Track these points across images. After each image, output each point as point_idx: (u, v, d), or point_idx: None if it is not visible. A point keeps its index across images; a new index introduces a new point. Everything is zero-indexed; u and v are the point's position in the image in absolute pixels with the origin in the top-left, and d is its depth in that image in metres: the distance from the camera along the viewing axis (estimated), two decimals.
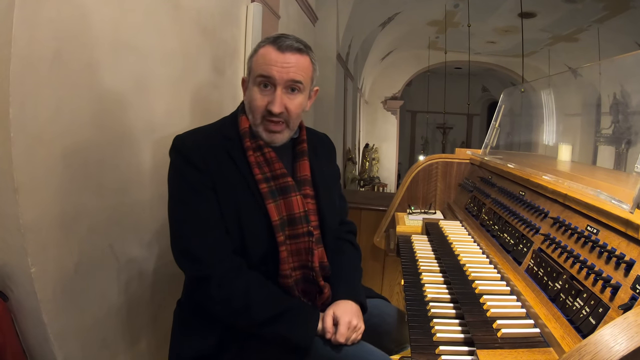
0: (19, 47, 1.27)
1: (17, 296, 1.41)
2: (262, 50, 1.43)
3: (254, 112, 1.45)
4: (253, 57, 1.46)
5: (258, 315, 1.35)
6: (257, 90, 1.43)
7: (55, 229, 1.46)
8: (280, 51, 1.41)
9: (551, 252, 1.28)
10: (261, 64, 1.42)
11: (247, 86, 1.50)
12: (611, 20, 8.23)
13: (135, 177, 1.85)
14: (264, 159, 1.45)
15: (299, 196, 1.47)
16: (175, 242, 1.42)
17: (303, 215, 1.47)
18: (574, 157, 2.40)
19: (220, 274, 1.34)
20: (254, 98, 1.43)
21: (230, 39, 2.69)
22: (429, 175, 2.76)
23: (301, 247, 1.47)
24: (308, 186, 1.53)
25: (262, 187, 1.42)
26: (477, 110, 17.16)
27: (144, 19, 1.83)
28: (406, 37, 11.07)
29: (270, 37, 1.45)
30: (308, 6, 4.47)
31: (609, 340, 0.68)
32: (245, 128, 1.46)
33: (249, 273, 1.39)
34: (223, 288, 1.34)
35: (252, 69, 1.45)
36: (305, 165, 1.55)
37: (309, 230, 1.47)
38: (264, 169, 1.45)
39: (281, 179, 1.46)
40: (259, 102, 1.42)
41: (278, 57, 1.40)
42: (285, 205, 1.45)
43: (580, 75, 2.77)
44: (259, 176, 1.43)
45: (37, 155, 1.37)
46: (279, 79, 1.40)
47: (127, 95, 1.76)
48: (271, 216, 1.41)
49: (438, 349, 1.13)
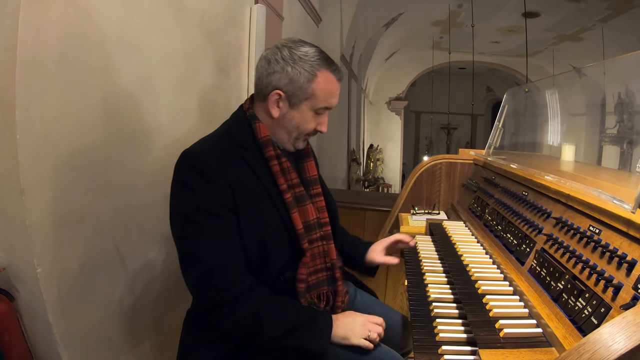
0: (24, 49, 1.29)
1: (23, 296, 1.42)
2: (325, 78, 1.41)
3: (301, 132, 1.45)
4: (313, 83, 1.39)
5: (271, 333, 1.32)
6: (312, 115, 1.43)
7: (61, 229, 1.47)
8: (339, 82, 1.45)
9: (554, 252, 1.28)
10: (328, 97, 1.42)
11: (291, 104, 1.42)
12: (615, 20, 8.19)
13: (141, 178, 1.86)
14: (281, 168, 1.44)
15: (311, 204, 1.50)
16: (187, 267, 1.35)
17: (316, 222, 1.50)
18: (578, 157, 2.40)
19: (232, 299, 1.29)
20: (307, 121, 1.43)
21: (234, 40, 2.70)
22: (433, 175, 2.76)
23: (315, 252, 1.48)
24: (317, 185, 1.57)
25: (287, 197, 1.41)
26: (482, 111, 17.12)
27: (149, 20, 1.84)
28: (410, 37, 11.06)
29: (322, 57, 1.42)
30: (312, 7, 4.48)
31: (608, 339, 0.69)
32: (267, 136, 1.42)
33: (259, 293, 1.34)
34: (234, 313, 1.29)
35: (314, 96, 1.40)
36: (312, 165, 1.58)
37: (322, 235, 1.51)
38: (285, 177, 1.44)
39: (297, 188, 1.47)
40: (312, 125, 1.45)
41: (337, 88, 1.45)
42: (302, 214, 1.46)
43: (584, 74, 2.76)
44: (283, 186, 1.42)
45: (43, 157, 1.39)
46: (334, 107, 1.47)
47: (132, 96, 1.78)
48: (296, 225, 1.41)
49: (441, 349, 1.13)
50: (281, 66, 1.38)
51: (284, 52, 1.39)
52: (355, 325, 1.40)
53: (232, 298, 1.29)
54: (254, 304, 1.31)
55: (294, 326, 1.34)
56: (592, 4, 7.68)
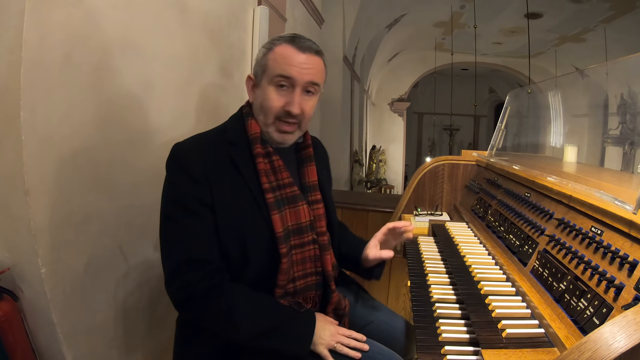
0: (29, 50, 1.30)
1: (27, 296, 1.43)
2: (280, 48, 1.36)
3: (267, 111, 1.38)
4: (268, 55, 1.38)
5: (247, 332, 1.28)
6: (273, 90, 1.36)
7: (66, 230, 1.48)
8: (301, 51, 1.36)
9: (556, 253, 1.28)
10: (281, 63, 1.35)
11: (255, 85, 1.43)
12: (618, 20, 8.19)
13: (144, 178, 1.86)
14: (272, 167, 1.40)
15: (305, 205, 1.44)
16: (162, 258, 1.33)
17: (309, 224, 1.44)
18: (581, 159, 2.40)
19: (201, 294, 1.26)
20: (269, 98, 1.37)
21: (237, 42, 2.71)
22: (436, 177, 2.77)
23: (306, 256, 1.44)
24: (317, 191, 1.51)
25: (269, 197, 1.36)
26: (484, 112, 17.10)
27: (153, 22, 1.85)
28: (412, 38, 11.07)
29: (285, 36, 1.39)
30: (314, 8, 4.49)
31: (608, 338, 0.69)
32: (257, 133, 1.39)
33: (234, 289, 1.30)
34: (204, 308, 1.27)
35: (267, 67, 1.37)
36: (313, 170, 1.52)
37: (314, 238, 1.45)
38: (271, 177, 1.39)
39: (288, 188, 1.42)
40: (275, 103, 1.36)
41: (299, 57, 1.35)
42: (292, 215, 1.41)
43: (587, 76, 2.77)
44: (266, 185, 1.36)
45: (47, 158, 1.40)
46: (299, 79, 1.35)
47: (136, 97, 1.79)
48: (275, 227, 1.35)
49: (443, 349, 1.14)
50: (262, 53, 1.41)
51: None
52: (324, 332, 1.35)
53: (202, 294, 1.26)
54: (227, 300, 1.27)
55: (273, 326, 1.30)
56: (594, 5, 7.68)
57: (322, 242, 1.47)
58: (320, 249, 1.46)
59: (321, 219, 1.49)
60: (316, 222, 1.47)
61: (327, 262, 1.47)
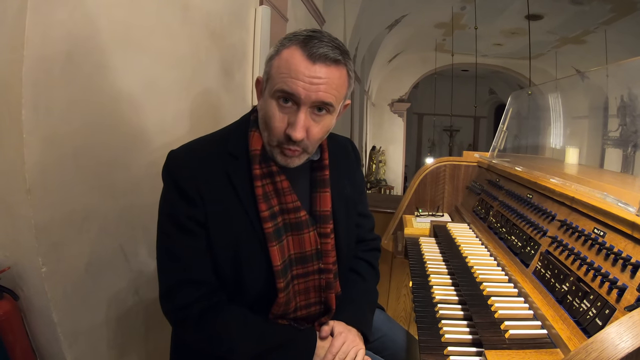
0: (31, 48, 1.29)
1: (28, 295, 1.42)
2: (287, 52, 1.12)
3: (270, 131, 1.17)
4: (274, 59, 1.15)
5: (245, 353, 1.21)
6: (275, 105, 1.14)
7: (67, 229, 1.47)
8: (310, 61, 1.10)
9: (558, 255, 1.28)
10: (284, 74, 1.11)
11: (262, 91, 1.22)
12: (618, 22, 8.19)
13: (146, 178, 1.86)
14: (274, 188, 1.23)
15: (312, 233, 1.28)
16: (161, 274, 1.25)
17: (314, 253, 1.29)
18: (581, 160, 2.41)
19: (197, 315, 1.19)
20: (271, 115, 1.15)
21: (238, 42, 2.71)
22: (437, 178, 2.77)
23: (310, 285, 1.31)
24: (328, 223, 1.31)
25: (267, 227, 1.20)
26: (484, 113, 17.11)
27: (154, 21, 1.85)
28: (413, 39, 11.06)
29: (301, 33, 1.14)
30: (315, 9, 4.49)
31: (615, 338, 0.69)
32: (257, 150, 1.21)
33: (229, 310, 1.23)
34: (202, 331, 1.21)
35: (271, 75, 1.15)
36: (327, 198, 1.32)
37: (320, 268, 1.31)
38: (272, 201, 1.23)
39: (293, 214, 1.25)
40: (277, 123, 1.14)
41: (307, 68, 1.10)
42: (295, 243, 1.27)
43: (587, 78, 2.77)
44: (264, 213, 1.20)
45: (49, 157, 1.39)
46: (304, 98, 1.11)
47: (138, 97, 1.78)
48: (273, 261, 1.20)
49: (446, 350, 1.13)
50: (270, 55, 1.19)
51: None
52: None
53: (198, 314, 1.19)
54: (223, 320, 1.21)
55: (272, 346, 1.22)
56: (595, 7, 7.68)
57: (328, 279, 1.32)
58: (325, 281, 1.32)
59: (328, 255, 1.31)
60: (324, 256, 1.31)
61: (332, 300, 1.34)
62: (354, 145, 1.55)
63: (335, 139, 1.45)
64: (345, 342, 1.27)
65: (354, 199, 1.45)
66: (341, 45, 1.16)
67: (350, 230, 1.43)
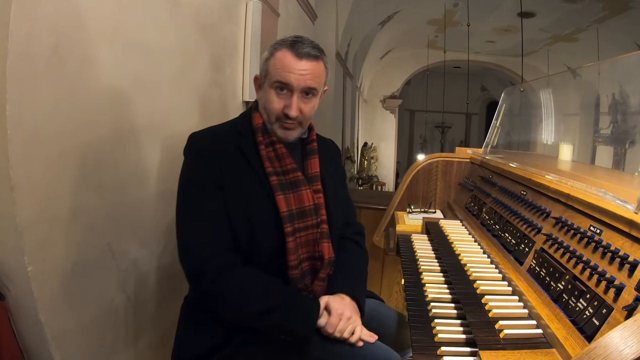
0: (16, 42, 1.25)
1: (14, 295, 1.39)
2: (280, 54, 1.46)
3: (269, 113, 1.49)
4: (270, 60, 1.48)
5: (254, 308, 1.36)
6: (273, 93, 1.47)
7: (53, 227, 1.44)
8: (298, 58, 1.44)
9: (553, 252, 1.27)
10: (279, 69, 1.45)
11: (260, 85, 1.54)
12: (610, 21, 8.22)
13: (134, 175, 1.83)
14: (275, 154, 1.51)
15: (309, 190, 1.53)
16: (178, 237, 1.45)
17: (313, 208, 1.52)
18: (573, 157, 2.40)
19: (214, 269, 1.36)
20: (270, 100, 1.48)
21: (229, 36, 2.68)
22: (429, 174, 2.75)
23: (310, 239, 1.51)
24: (318, 182, 1.58)
25: (272, 180, 1.46)
26: (476, 110, 17.15)
27: (143, 15, 1.82)
28: (405, 36, 11.06)
29: (287, 39, 1.48)
30: (307, 4, 4.46)
31: (619, 343, 0.67)
32: (259, 124, 1.51)
33: (244, 269, 1.41)
34: (217, 283, 1.35)
35: (268, 72, 1.48)
36: (315, 163, 1.60)
37: (318, 222, 1.53)
38: (275, 163, 1.50)
39: (291, 174, 1.51)
40: (275, 105, 1.47)
41: (296, 64, 1.44)
42: (296, 199, 1.50)
43: (579, 75, 2.77)
44: (269, 169, 1.47)
45: (34, 153, 1.36)
46: (296, 85, 1.45)
47: (126, 92, 1.75)
48: (279, 207, 1.45)
49: (440, 350, 1.12)
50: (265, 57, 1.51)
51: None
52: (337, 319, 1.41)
53: (215, 268, 1.36)
54: (239, 277, 1.38)
55: (278, 304, 1.38)
56: (587, 5, 7.70)
57: (322, 229, 1.53)
58: (320, 234, 1.53)
59: (321, 208, 1.56)
60: (319, 209, 1.55)
61: (325, 250, 1.52)
62: (336, 145, 1.88)
63: (322, 138, 1.76)
64: (342, 319, 1.41)
65: (338, 176, 1.78)
66: (319, 46, 1.51)
67: (337, 198, 1.67)
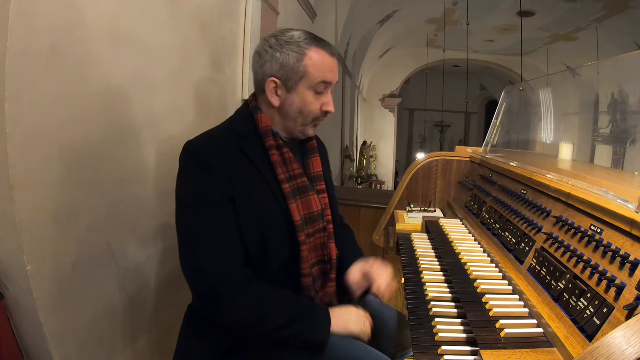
0: (15, 40, 1.25)
1: (13, 294, 1.39)
2: (315, 54, 1.39)
3: (307, 115, 1.43)
4: (304, 61, 1.38)
5: (272, 324, 1.31)
6: (312, 95, 1.41)
7: (52, 226, 1.44)
8: (333, 56, 1.43)
9: (554, 252, 1.26)
10: (323, 70, 1.40)
11: (288, 89, 1.41)
12: (610, 20, 8.22)
13: (134, 174, 1.83)
14: (283, 159, 1.43)
15: (315, 195, 1.50)
16: (185, 256, 1.34)
17: (320, 213, 1.50)
18: (573, 156, 2.40)
19: (232, 289, 1.29)
20: (309, 102, 1.41)
21: (229, 34, 2.67)
22: (429, 173, 2.75)
23: (318, 243, 1.49)
24: (322, 182, 1.56)
25: (285, 187, 1.40)
26: (475, 109, 17.16)
27: (142, 12, 1.81)
28: (405, 34, 11.05)
29: (309, 37, 1.41)
30: (307, 3, 4.45)
31: (622, 343, 0.67)
32: (268, 127, 1.42)
33: (258, 284, 1.35)
34: (236, 303, 1.29)
35: (308, 73, 1.39)
36: (318, 162, 1.57)
37: (324, 226, 1.51)
38: (284, 168, 1.43)
39: (299, 179, 1.46)
40: (316, 106, 1.43)
41: (332, 62, 1.43)
42: (305, 205, 1.46)
43: (579, 74, 2.77)
44: (282, 176, 1.41)
45: (33, 152, 1.35)
46: (334, 83, 1.44)
47: (125, 90, 1.74)
48: (293, 216, 1.39)
49: (440, 349, 1.11)
50: (270, 54, 1.39)
51: (271, 41, 1.41)
52: (352, 316, 1.44)
53: (233, 288, 1.29)
54: (256, 293, 1.32)
55: (295, 317, 1.34)
56: (587, 4, 7.70)
57: (330, 230, 1.52)
58: (327, 237, 1.51)
59: (327, 208, 1.54)
60: (325, 210, 1.53)
61: (333, 250, 1.51)
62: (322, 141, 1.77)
63: None
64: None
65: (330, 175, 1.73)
66: None
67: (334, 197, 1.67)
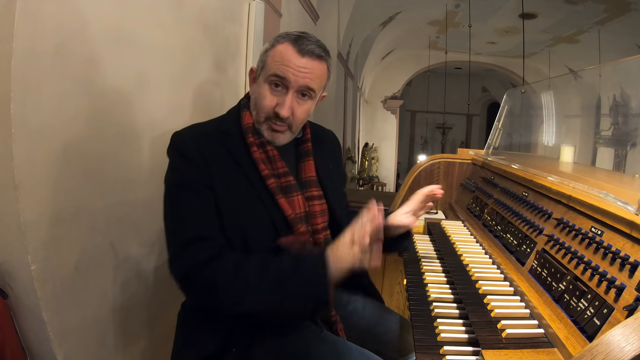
0: (20, 41, 1.26)
1: (17, 294, 1.39)
2: (281, 47, 1.33)
3: (259, 109, 1.36)
4: (269, 52, 1.35)
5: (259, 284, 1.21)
6: (267, 88, 1.34)
7: (56, 226, 1.45)
8: (300, 54, 1.32)
9: (555, 253, 1.27)
10: (278, 62, 1.32)
11: (255, 78, 1.42)
12: (612, 22, 8.22)
13: (137, 174, 1.83)
14: (266, 156, 1.38)
15: (300, 196, 1.41)
16: (170, 240, 1.31)
17: (303, 216, 1.40)
18: (574, 159, 2.41)
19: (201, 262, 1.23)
20: (262, 95, 1.35)
21: (232, 36, 2.68)
22: (431, 175, 2.76)
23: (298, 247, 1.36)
24: (314, 187, 1.47)
25: (270, 183, 1.34)
26: (477, 111, 17.15)
27: (146, 14, 1.82)
28: (407, 36, 11.06)
29: (292, 34, 1.36)
30: (310, 4, 4.47)
31: (621, 340, 0.68)
32: (249, 124, 1.38)
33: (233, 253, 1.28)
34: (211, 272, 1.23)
35: (266, 64, 1.35)
36: (310, 166, 1.48)
37: (313, 230, 1.41)
38: (268, 165, 1.37)
39: (283, 178, 1.39)
40: (267, 102, 1.34)
41: (297, 59, 1.32)
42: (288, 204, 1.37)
43: (580, 77, 2.78)
44: (265, 172, 1.35)
45: (38, 152, 1.36)
46: (293, 82, 1.32)
47: (129, 91, 1.75)
48: (285, 210, 1.34)
49: (442, 349, 1.12)
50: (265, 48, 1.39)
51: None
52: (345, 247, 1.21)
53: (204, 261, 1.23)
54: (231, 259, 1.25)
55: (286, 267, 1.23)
56: (589, 7, 7.70)
57: (317, 239, 1.42)
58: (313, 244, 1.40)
59: (316, 216, 1.44)
60: (311, 218, 1.43)
61: None
62: (335, 137, 1.73)
63: (320, 128, 1.66)
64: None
65: (339, 174, 1.67)
66: (324, 46, 1.39)
67: (341, 200, 1.59)
